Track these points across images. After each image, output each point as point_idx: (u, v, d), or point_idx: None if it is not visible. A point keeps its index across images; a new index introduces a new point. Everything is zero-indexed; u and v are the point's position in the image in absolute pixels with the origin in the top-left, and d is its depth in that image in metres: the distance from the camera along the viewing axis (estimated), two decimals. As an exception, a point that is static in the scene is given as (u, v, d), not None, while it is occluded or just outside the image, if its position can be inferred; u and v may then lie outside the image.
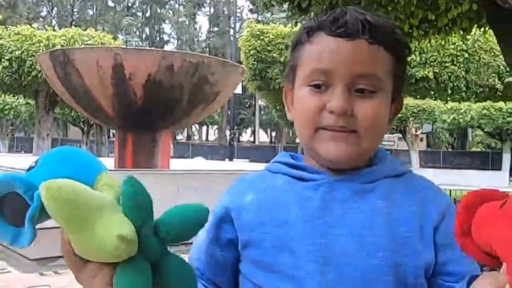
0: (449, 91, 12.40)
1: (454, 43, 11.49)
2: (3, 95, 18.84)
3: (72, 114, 21.75)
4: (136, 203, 0.61)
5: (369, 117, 0.79)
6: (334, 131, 0.79)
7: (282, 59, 12.65)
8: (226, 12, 51.26)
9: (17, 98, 21.25)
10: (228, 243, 0.86)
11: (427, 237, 0.79)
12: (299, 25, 6.03)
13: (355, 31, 0.78)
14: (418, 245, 0.78)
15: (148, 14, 53.87)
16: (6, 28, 13.68)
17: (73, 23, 42.24)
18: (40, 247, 4.46)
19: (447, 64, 12.02)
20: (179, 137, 43.89)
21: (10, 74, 12.98)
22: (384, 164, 0.85)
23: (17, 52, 12.83)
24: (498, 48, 4.23)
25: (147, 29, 54.18)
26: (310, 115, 0.80)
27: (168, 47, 51.74)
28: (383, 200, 0.80)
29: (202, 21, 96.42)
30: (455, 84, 12.19)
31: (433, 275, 0.79)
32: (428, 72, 11.97)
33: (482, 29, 5.25)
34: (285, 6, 5.14)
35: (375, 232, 0.77)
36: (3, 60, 12.88)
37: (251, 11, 49.70)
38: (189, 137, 46.27)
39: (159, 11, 53.78)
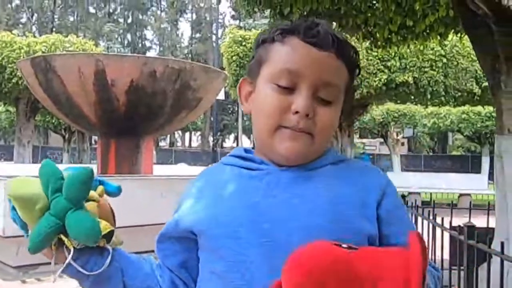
0: (429, 96, 12.55)
1: (432, 49, 11.67)
2: (-18, 102, 18.53)
3: (53, 121, 21.47)
4: (41, 173, 0.82)
5: (325, 123, 0.86)
6: (293, 131, 0.84)
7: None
8: (208, 19, 51.28)
9: (-3, 106, 20.96)
10: (185, 237, 0.92)
11: (370, 214, 0.85)
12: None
13: (326, 43, 0.85)
14: (360, 222, 0.83)
15: (130, 20, 53.59)
16: (-15, 34, 13.53)
17: (54, 29, 41.83)
18: (22, 255, 4.43)
19: (426, 69, 12.19)
20: (162, 143, 43.63)
21: (-10, 81, 12.82)
22: (326, 154, 0.91)
23: (-3, 59, 12.69)
24: (474, 53, 4.34)
25: (129, 36, 53.86)
26: (273, 113, 0.84)
27: (150, 54, 51.53)
28: (324, 183, 0.86)
29: (185, 27, 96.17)
30: (434, 89, 12.36)
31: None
32: (408, 77, 12.12)
33: (459, 34, 5.37)
34: (267, 12, 5.20)
35: (318, 213, 0.82)
36: (-18, 67, 12.73)
37: (233, 17, 49.81)
38: (172, 143, 46.04)
39: (141, 17, 53.56)
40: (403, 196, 5.30)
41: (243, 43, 12.96)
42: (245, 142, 48.36)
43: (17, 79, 12.34)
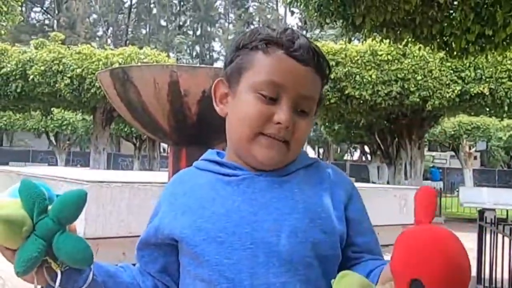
0: (506, 108, 11.96)
1: (511, 59, 11.13)
2: (62, 111, 19.68)
3: (126, 129, 22.43)
4: (24, 193, 0.79)
5: (302, 133, 0.91)
6: (272, 139, 0.88)
7: (332, 76, 12.66)
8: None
9: (75, 114, 22.15)
10: (165, 243, 0.93)
11: (339, 214, 0.91)
12: (353, 42, 6.05)
13: (308, 58, 0.89)
14: (334, 223, 0.89)
15: (198, 32, 55.13)
16: (68, 47, 14.38)
17: (128, 42, 43.80)
18: (100, 256, 4.65)
19: (503, 80, 11.62)
20: (227, 153, 44.26)
21: (71, 91, 13.57)
22: (298, 159, 0.95)
23: (78, 70, 13.40)
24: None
25: (197, 47, 55.40)
26: (255, 121, 0.88)
27: (217, 65, 52.64)
28: (298, 187, 0.90)
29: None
30: (512, 101, 11.77)
31: (345, 247, 0.91)
32: (484, 88, 11.61)
33: (542, 44, 5.10)
34: (339, 23, 5.19)
35: (294, 216, 0.86)
36: (65, 77, 13.49)
37: (300, 28, 49.95)
38: (237, 153, 46.64)
39: (209, 29, 54.95)
40: (481, 212, 5.06)
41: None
42: (309, 153, 48.00)
43: (95, 89, 12.98)
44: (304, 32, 45.41)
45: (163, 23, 54.14)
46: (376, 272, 0.82)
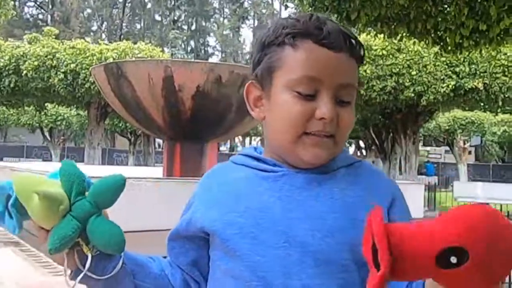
0: (500, 103, 12.01)
1: (505, 54, 11.15)
2: (56, 106, 19.61)
3: (120, 125, 22.38)
4: (63, 173, 0.80)
5: (347, 124, 0.86)
6: (317, 136, 0.83)
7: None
8: (270, 25, 51.59)
9: (70, 109, 22.07)
10: (196, 236, 0.91)
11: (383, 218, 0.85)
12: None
13: (339, 44, 0.83)
14: None
15: (193, 27, 54.96)
16: (61, 42, 14.30)
17: (122, 36, 43.60)
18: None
19: (498, 75, 11.66)
20: (222, 148, 44.31)
21: (65, 86, 13.51)
22: (339, 156, 0.90)
23: (72, 65, 13.34)
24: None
25: (192, 42, 55.24)
26: (297, 121, 0.83)
27: (212, 60, 52.54)
28: (338, 186, 0.86)
29: (246, 33, 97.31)
30: (506, 95, 11.80)
31: None
32: (478, 83, 11.64)
33: (536, 39, 5.11)
34: (333, 18, 5.18)
35: (332, 216, 0.82)
36: (58, 73, 13.43)
37: (294, 23, 49.80)
38: (232, 148, 46.62)
39: (204, 24, 54.79)
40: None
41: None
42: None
43: (90, 84, 12.93)
44: (299, 27, 45.24)
45: (157, 18, 53.94)
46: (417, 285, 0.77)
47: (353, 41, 0.86)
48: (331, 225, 0.82)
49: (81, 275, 0.82)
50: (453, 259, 0.57)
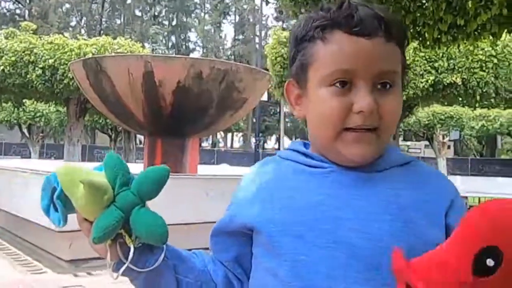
0: (478, 97, 12.19)
1: (483, 49, 11.31)
2: (35, 102, 19.30)
3: (101, 121, 22.13)
4: (108, 164, 0.81)
5: (392, 111, 0.80)
6: (358, 131, 0.79)
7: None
8: (251, 20, 51.56)
9: (49, 106, 21.74)
10: (239, 232, 0.88)
11: (438, 222, 0.80)
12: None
13: (373, 29, 0.78)
14: (430, 230, 0.78)
15: (174, 22, 54.56)
16: (39, 37, 14.06)
17: (102, 32, 43.08)
18: (74, 249, 4.60)
19: (475, 70, 11.83)
20: (204, 144, 44.18)
21: (43, 82, 13.29)
22: (391, 154, 0.86)
23: (50, 61, 13.12)
24: (529, 53, 4.19)
25: (173, 38, 54.86)
26: (335, 117, 0.79)
27: (193, 55, 52.28)
28: (391, 186, 0.81)
29: (228, 29, 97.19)
30: (484, 90, 11.98)
31: None
32: (456, 78, 11.80)
33: (512, 34, 5.20)
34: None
35: (383, 217, 0.78)
36: (36, 68, 13.20)
37: (276, 18, 49.86)
38: (214, 144, 46.52)
39: (185, 20, 54.44)
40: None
41: (288, 44, 13.00)
42: (287, 143, 48.27)
43: (68, 80, 12.75)
44: (280, 22, 45.36)
45: (138, 13, 53.38)
46: None
47: (389, 24, 0.79)
48: (383, 227, 0.77)
49: (124, 267, 0.82)
50: (490, 262, 0.54)
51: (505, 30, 5.13)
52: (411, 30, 5.30)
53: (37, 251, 5.21)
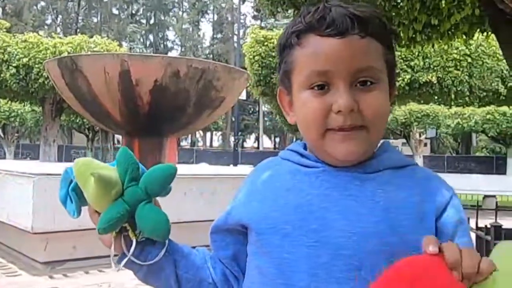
0: (453, 96, 12.40)
1: (457, 48, 11.52)
2: (9, 102, 18.95)
3: (77, 120, 21.85)
4: (120, 159, 0.85)
5: (375, 109, 0.79)
6: (343, 131, 0.79)
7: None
8: (229, 19, 51.47)
9: (24, 105, 21.36)
10: (236, 230, 0.90)
11: (427, 226, 0.80)
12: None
13: (345, 28, 0.78)
14: (412, 232, 0.77)
15: (152, 21, 54.15)
16: (13, 35, 13.80)
17: (78, 30, 42.48)
18: (50, 251, 4.53)
19: (450, 69, 12.04)
20: (183, 143, 43.95)
21: (18, 81, 13.07)
22: (387, 155, 0.86)
23: (24, 60, 12.90)
24: (501, 53, 4.28)
25: (151, 36, 54.44)
26: (316, 118, 0.80)
27: (172, 54, 51.94)
28: (382, 188, 0.81)
29: (206, 28, 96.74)
30: (459, 89, 12.19)
31: None
32: (432, 77, 11.98)
33: (485, 33, 5.30)
34: (290, 12, 5.21)
35: (371, 218, 0.78)
36: (10, 67, 12.97)
37: (254, 17, 49.87)
38: (193, 143, 46.33)
39: (163, 18, 54.06)
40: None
41: (265, 43, 13.01)
42: (266, 142, 48.37)
43: (43, 79, 12.56)
44: (258, 21, 45.36)
45: (115, 11, 52.82)
46: None
47: (365, 20, 0.79)
48: (369, 228, 0.77)
49: (126, 259, 0.86)
50: None
51: (477, 30, 5.23)
52: (387, 30, 5.35)
53: (12, 253, 5.12)
